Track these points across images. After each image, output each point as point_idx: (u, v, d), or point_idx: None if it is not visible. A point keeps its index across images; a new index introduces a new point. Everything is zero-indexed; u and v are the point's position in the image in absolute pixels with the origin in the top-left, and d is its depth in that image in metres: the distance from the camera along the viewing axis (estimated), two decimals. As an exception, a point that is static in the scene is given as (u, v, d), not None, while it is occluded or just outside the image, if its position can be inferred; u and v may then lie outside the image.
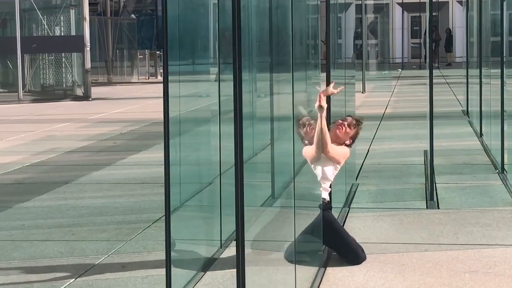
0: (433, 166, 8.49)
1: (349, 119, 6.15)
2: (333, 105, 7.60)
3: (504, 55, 9.67)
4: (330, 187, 6.10)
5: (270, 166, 8.01)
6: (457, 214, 7.34)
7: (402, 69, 35.49)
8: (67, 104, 21.18)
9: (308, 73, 7.17)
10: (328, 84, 6.46)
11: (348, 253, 5.88)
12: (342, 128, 6.05)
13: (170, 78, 7.42)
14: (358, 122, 6.13)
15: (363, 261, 5.86)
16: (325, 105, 5.82)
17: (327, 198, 5.98)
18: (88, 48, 21.92)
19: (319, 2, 6.38)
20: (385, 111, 17.28)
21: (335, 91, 6.16)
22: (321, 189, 5.92)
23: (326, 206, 5.96)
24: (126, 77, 30.19)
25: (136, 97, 22.15)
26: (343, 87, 6.53)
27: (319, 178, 5.94)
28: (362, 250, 5.92)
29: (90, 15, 25.74)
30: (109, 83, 29.38)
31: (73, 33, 22.46)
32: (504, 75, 9.49)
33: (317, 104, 5.77)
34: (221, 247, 6.27)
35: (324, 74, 6.87)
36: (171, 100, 7.04)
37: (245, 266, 5.02)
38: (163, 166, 5.35)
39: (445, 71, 32.34)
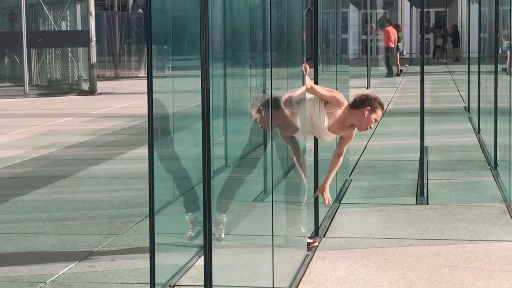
0: (423, 162, 8.58)
1: (380, 114, 6.16)
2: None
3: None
4: None
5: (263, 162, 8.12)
6: (445, 210, 7.44)
7: (410, 64, 35.46)
8: (72, 98, 21.34)
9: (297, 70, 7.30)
10: (316, 78, 6.56)
11: None
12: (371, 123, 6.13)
13: (174, 73, 7.55)
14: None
15: None
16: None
17: None
18: (94, 43, 22.06)
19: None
20: (387, 107, 17.35)
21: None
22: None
23: None
24: (134, 72, 30.32)
25: (141, 92, 22.23)
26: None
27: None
28: None
29: (97, 9, 25.89)
30: (117, 77, 29.53)
31: (79, 27, 22.59)
32: (498, 71, 9.57)
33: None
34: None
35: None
36: (175, 95, 7.19)
37: (227, 259, 5.13)
38: (159, 161, 5.47)
39: (452, 67, 32.39)
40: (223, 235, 6.21)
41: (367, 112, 6.08)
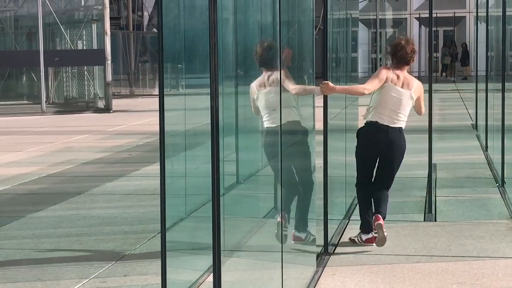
0: (431, 179, 8.67)
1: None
2: (334, 119, 7.86)
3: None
4: None
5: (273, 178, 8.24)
6: (453, 226, 7.54)
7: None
8: (88, 116, 21.57)
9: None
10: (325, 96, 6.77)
11: None
12: None
13: (186, 91, 7.67)
14: None
15: None
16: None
17: None
18: (109, 62, 22.31)
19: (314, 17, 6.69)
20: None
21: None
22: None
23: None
24: (148, 90, 30.52)
25: (156, 110, 22.40)
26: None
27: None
28: None
29: (113, 29, 26.13)
30: (132, 95, 29.76)
31: (95, 46, 22.85)
32: (506, 89, 9.67)
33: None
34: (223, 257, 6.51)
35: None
36: (187, 112, 7.31)
37: (237, 275, 5.24)
38: (173, 178, 5.59)
39: (460, 85, 32.40)
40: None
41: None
